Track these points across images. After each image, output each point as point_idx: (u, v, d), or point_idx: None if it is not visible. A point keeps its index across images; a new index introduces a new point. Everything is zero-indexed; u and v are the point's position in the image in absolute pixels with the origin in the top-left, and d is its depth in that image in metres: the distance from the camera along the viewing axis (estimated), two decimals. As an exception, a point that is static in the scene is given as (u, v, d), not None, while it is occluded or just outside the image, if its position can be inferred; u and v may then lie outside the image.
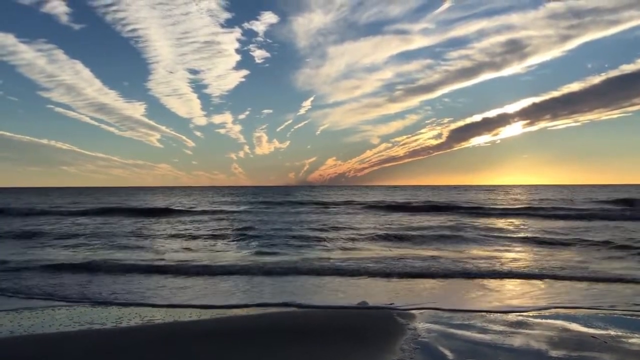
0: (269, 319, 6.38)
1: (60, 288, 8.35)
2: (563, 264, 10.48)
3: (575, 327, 5.72)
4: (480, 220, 23.53)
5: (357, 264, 10.59)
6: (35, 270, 10.13)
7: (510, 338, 5.25)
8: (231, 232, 18.37)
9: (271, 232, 17.79)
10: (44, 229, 19.65)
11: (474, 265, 10.40)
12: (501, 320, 6.04)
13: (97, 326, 5.93)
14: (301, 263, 10.81)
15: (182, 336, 5.43)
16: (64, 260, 11.39)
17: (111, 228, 20.18)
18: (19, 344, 5.21)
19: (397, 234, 16.73)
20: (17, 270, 10.05)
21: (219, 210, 32.21)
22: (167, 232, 18.84)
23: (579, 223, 20.93)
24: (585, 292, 7.87)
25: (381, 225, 20.49)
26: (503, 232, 17.84)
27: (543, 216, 25.11)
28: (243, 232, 17.90)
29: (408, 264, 10.53)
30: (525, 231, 18.06)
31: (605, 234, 16.33)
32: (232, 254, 12.94)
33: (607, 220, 22.01)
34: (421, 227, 19.84)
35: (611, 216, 23.55)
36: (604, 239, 14.65)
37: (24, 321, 6.18)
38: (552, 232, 17.35)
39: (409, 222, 22.12)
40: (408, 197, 53.51)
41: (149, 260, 11.52)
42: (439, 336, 5.33)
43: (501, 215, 26.98)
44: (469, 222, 22.07)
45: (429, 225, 20.59)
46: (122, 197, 62.29)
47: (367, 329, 5.71)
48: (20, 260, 11.33)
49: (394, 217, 26.01)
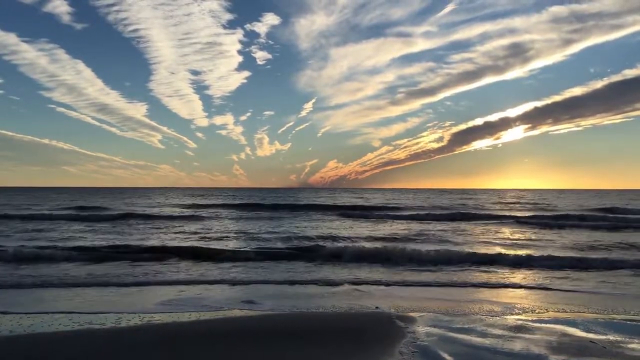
0: (268, 320, 6.37)
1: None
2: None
3: (575, 332, 5.72)
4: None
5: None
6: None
7: (510, 342, 5.24)
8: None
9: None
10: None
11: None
12: (501, 324, 6.03)
13: (97, 326, 5.92)
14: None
15: (180, 337, 5.42)
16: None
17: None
18: (17, 344, 5.20)
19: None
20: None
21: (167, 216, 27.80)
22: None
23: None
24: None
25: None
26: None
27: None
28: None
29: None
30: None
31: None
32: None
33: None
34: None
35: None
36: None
37: (23, 320, 6.17)
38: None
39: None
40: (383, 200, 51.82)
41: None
42: (439, 340, 5.32)
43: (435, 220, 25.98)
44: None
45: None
46: (99, 197, 60.55)
47: (366, 331, 5.71)
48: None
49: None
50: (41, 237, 16.46)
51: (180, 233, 18.46)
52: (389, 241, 15.76)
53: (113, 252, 12.73)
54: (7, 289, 8.39)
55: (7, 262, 11.08)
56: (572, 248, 14.37)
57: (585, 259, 11.71)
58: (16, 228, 19.69)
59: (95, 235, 17.53)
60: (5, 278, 9.27)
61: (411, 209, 35.48)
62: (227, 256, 12.28)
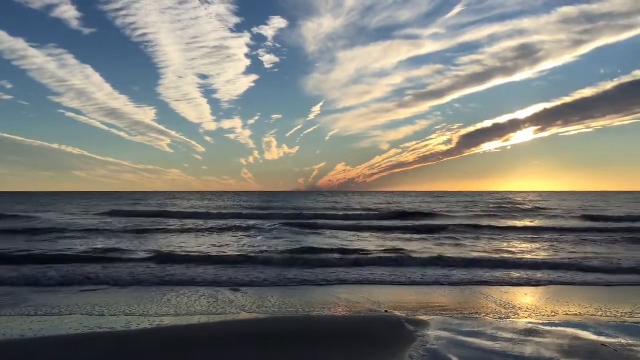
0: (277, 323, 6.38)
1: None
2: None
3: (586, 335, 5.68)
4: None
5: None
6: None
7: (520, 346, 5.22)
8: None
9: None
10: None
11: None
12: (511, 327, 6.00)
13: (107, 329, 5.96)
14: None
15: (190, 340, 5.44)
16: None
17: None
18: (29, 347, 5.26)
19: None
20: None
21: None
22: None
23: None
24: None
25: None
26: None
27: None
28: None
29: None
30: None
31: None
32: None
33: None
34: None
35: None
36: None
37: (34, 324, 6.22)
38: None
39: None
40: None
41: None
42: (449, 344, 5.31)
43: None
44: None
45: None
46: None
47: (375, 335, 5.70)
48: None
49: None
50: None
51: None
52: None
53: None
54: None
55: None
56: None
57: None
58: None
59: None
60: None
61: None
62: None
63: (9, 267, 10.41)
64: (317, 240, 16.89)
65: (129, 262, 11.56)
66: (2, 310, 6.97)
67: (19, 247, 14.21)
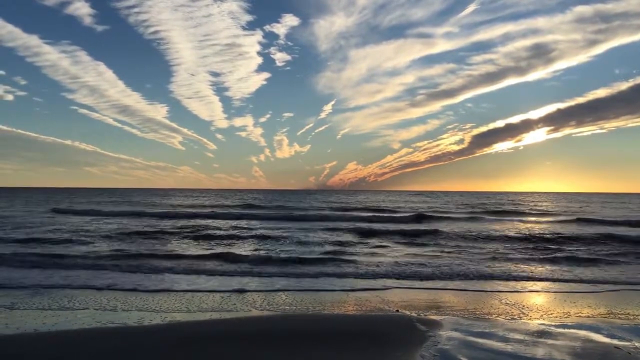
0: (289, 322, 6.41)
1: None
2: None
3: (598, 337, 5.63)
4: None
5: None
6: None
7: (532, 348, 5.19)
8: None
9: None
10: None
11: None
12: (523, 329, 5.97)
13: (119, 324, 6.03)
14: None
15: (201, 337, 5.49)
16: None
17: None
18: (42, 341, 5.34)
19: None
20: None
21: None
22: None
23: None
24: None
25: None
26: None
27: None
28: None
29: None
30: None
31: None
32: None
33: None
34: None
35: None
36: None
37: (47, 319, 6.32)
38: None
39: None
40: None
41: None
42: (460, 344, 5.30)
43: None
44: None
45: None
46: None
47: (387, 335, 5.70)
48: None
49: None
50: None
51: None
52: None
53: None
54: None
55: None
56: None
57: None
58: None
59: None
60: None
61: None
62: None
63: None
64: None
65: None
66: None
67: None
